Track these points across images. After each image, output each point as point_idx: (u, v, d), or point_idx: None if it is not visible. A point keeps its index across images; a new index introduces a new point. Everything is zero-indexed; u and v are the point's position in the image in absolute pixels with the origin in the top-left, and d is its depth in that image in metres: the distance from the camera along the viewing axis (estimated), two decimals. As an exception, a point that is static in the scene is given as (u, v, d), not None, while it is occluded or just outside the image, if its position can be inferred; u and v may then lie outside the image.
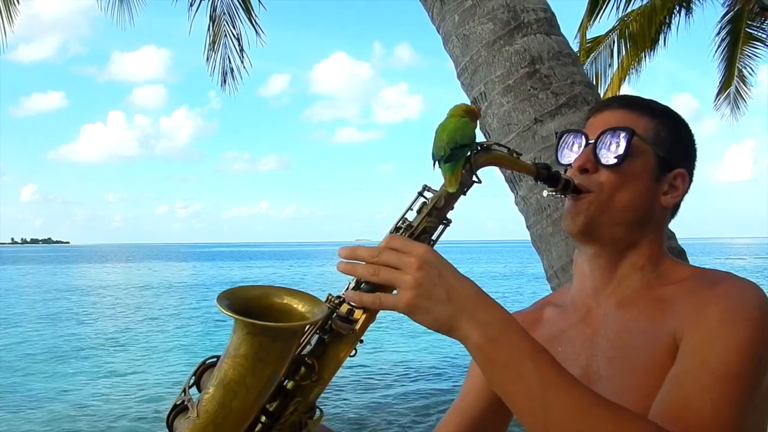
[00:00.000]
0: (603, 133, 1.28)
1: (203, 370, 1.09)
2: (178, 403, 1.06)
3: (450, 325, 1.02)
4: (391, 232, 1.11)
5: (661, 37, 12.20)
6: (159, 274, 62.40)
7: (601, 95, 12.66)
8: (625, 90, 12.54)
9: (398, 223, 1.13)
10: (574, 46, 12.04)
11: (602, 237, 1.28)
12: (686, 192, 1.34)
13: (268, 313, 1.05)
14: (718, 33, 12.47)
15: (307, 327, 1.07)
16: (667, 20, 11.97)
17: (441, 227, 1.14)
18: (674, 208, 1.35)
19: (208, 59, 9.81)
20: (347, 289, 1.08)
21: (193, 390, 1.07)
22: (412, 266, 1.01)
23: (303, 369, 1.06)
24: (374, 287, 1.05)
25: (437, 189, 1.13)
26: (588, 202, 1.26)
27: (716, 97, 13.32)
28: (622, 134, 1.27)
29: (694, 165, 1.36)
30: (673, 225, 1.42)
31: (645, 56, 12.42)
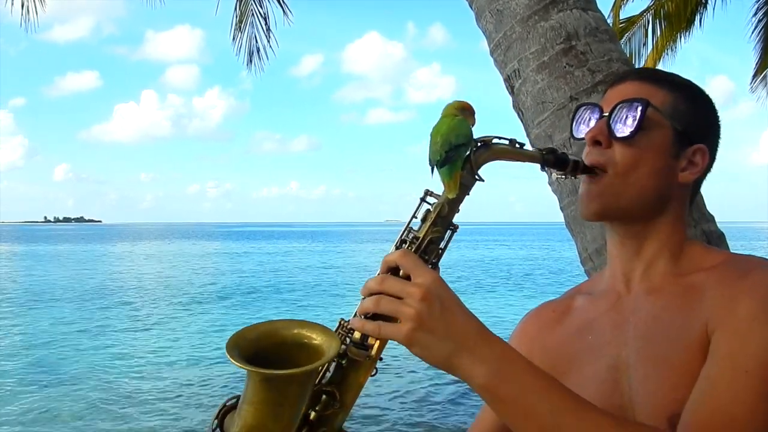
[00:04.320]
0: (617, 105, 1.24)
1: (225, 412, 1.08)
2: None
3: (449, 363, 1.01)
4: (396, 246, 1.09)
5: (697, 17, 11.95)
6: (189, 252, 62.96)
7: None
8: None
9: (404, 233, 1.10)
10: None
11: (621, 217, 1.25)
12: (707, 170, 1.29)
13: (281, 350, 1.05)
14: (755, 14, 12.18)
15: (321, 366, 1.05)
16: (703, 0, 11.71)
17: (448, 234, 1.11)
18: (695, 186, 1.30)
19: (234, 39, 9.76)
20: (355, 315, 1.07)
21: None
22: (415, 297, 1.00)
23: (324, 398, 1.06)
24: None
25: (440, 194, 1.10)
26: (602, 184, 1.22)
27: (752, 79, 13.06)
28: (636, 105, 1.21)
29: (716, 142, 1.31)
30: (709, 209, 1.36)
31: (680, 37, 12.17)
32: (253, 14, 9.73)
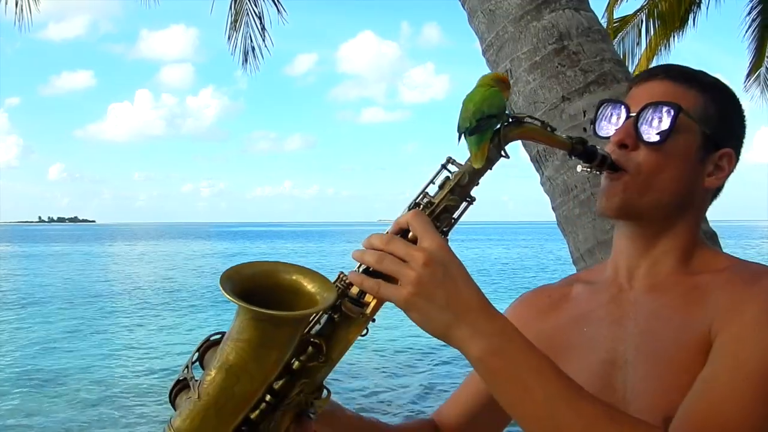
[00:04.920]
0: (646, 106, 1.19)
1: (207, 346, 1.05)
2: (180, 378, 1.04)
3: (447, 333, 0.97)
4: (410, 208, 1.05)
5: (691, 16, 11.96)
6: (184, 252, 62.89)
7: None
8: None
9: (419, 197, 1.06)
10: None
11: (638, 218, 1.21)
12: (732, 173, 1.24)
13: (275, 292, 1.02)
14: (749, 13, 12.20)
15: (314, 314, 1.02)
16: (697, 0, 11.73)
17: (464, 205, 1.07)
18: (716, 190, 1.26)
19: (229, 38, 9.76)
20: (357, 269, 1.03)
21: (197, 366, 1.05)
22: (418, 261, 0.96)
23: (310, 349, 1.02)
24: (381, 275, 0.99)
25: (462, 163, 1.06)
26: (624, 183, 1.18)
27: (746, 78, 13.04)
28: (667, 109, 1.17)
29: (742, 143, 1.27)
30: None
31: (674, 36, 12.18)
32: (248, 13, 9.74)
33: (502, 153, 1.07)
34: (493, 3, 2.96)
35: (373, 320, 1.03)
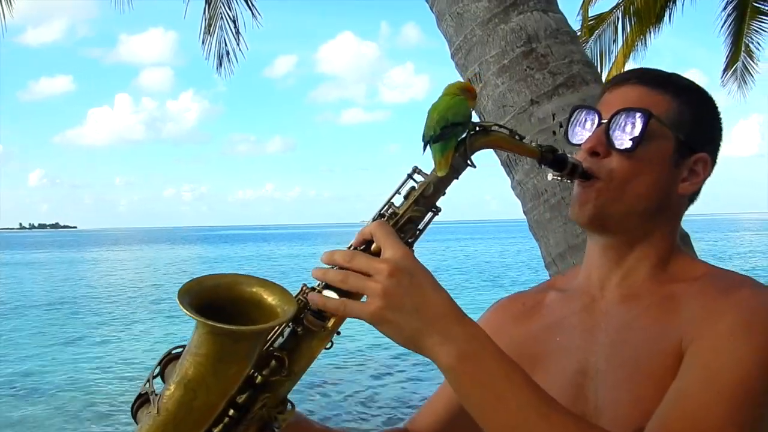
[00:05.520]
0: (618, 112, 1.17)
1: (169, 360, 1.04)
2: (142, 393, 1.02)
3: (417, 341, 0.95)
4: (374, 219, 1.04)
5: (667, 13, 12.04)
6: (166, 257, 62.54)
7: (606, 73, 12.69)
8: (631, 68, 12.36)
9: (383, 208, 1.05)
10: (576, 24, 11.96)
11: (612, 227, 1.18)
12: (707, 177, 1.22)
13: (236, 305, 1.00)
14: (724, 8, 12.28)
15: (273, 328, 1.00)
16: (672, -4, 11.81)
17: (429, 216, 1.05)
18: (693, 195, 1.24)
19: (204, 43, 9.67)
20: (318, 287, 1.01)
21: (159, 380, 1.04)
22: (383, 273, 0.94)
23: (273, 363, 1.00)
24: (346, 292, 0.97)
25: (428, 173, 1.05)
26: (597, 190, 1.15)
27: (723, 73, 13.14)
28: (639, 115, 1.14)
29: (718, 147, 1.25)
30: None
31: (650, 33, 12.26)
32: (222, 17, 9.65)
33: (469, 162, 1.06)
34: (461, 6, 2.93)
35: (338, 333, 1.01)
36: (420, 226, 1.04)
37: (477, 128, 1.06)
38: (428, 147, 1.05)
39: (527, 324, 1.30)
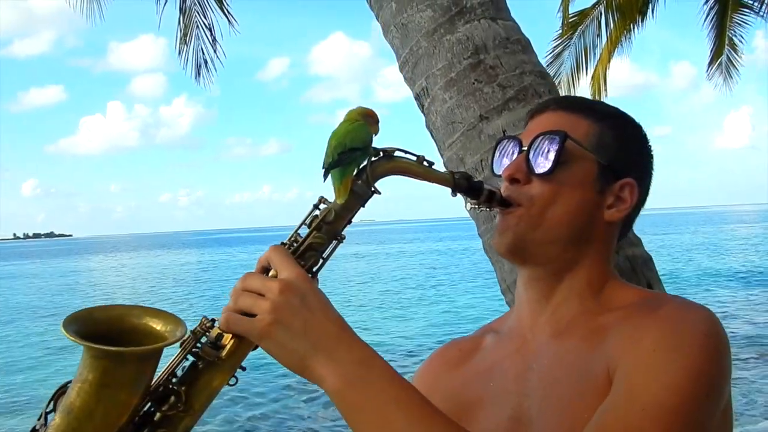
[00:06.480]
0: (536, 137, 1.16)
1: (61, 393, 0.98)
2: (35, 427, 0.98)
3: (303, 364, 0.92)
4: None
5: (649, 7, 11.92)
6: (161, 263, 62.41)
7: (591, 69, 12.57)
8: (618, 62, 12.38)
9: (291, 237, 1.03)
10: (557, 21, 11.83)
11: (535, 257, 1.16)
12: (638, 204, 1.17)
13: (125, 336, 0.98)
14: (706, 1, 12.16)
15: (156, 350, 0.97)
16: (654, -10, 11.70)
17: (334, 243, 1.04)
18: (627, 221, 1.18)
19: (180, 53, 9.51)
20: None
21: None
22: (274, 290, 0.93)
23: (172, 398, 0.97)
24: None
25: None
26: (517, 217, 1.14)
27: (708, 66, 13.03)
28: (555, 138, 1.14)
29: (648, 174, 1.23)
30: (669, 192, 1.19)
31: (633, 27, 12.16)
32: (198, 26, 9.51)
33: (373, 189, 1.04)
34: (405, 17, 2.73)
35: (243, 368, 0.99)
36: (324, 254, 1.03)
37: (380, 153, 1.04)
38: (329, 175, 1.03)
39: (462, 370, 1.26)
